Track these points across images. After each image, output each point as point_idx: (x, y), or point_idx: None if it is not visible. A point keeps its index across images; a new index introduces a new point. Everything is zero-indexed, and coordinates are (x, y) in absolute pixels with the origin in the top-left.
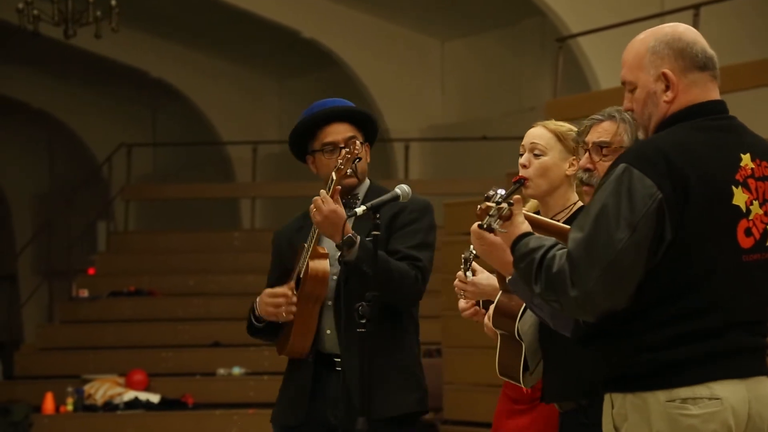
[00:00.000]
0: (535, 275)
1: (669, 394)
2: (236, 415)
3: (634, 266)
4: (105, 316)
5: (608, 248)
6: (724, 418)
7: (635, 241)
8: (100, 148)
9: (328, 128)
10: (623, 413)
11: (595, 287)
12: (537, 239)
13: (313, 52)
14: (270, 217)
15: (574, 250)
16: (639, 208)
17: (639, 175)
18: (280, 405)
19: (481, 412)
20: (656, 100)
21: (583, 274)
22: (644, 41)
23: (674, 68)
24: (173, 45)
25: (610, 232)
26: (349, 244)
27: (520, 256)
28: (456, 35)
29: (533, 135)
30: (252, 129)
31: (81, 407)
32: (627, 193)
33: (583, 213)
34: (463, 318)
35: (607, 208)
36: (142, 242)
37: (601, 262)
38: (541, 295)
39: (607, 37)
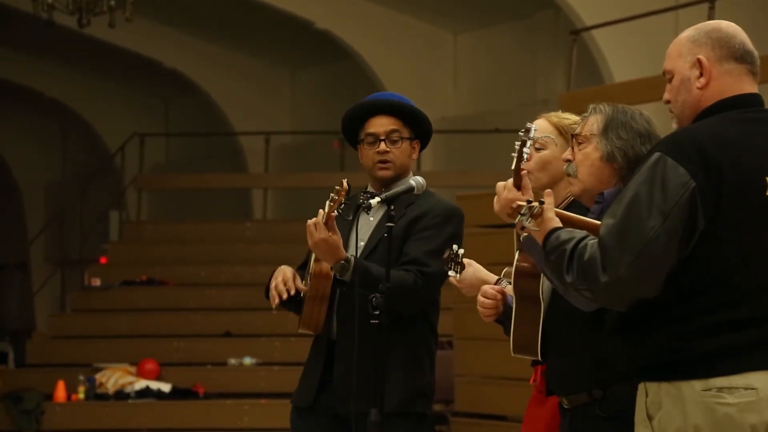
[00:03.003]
0: (566, 266)
1: (705, 384)
2: (247, 405)
3: (666, 254)
4: (117, 306)
5: (640, 235)
6: (760, 409)
7: (667, 229)
8: (112, 138)
9: (373, 120)
10: (657, 402)
11: (626, 273)
12: (568, 232)
13: (326, 44)
14: (282, 208)
15: (606, 236)
16: (672, 196)
17: (672, 164)
18: (299, 386)
19: (493, 404)
20: (689, 86)
21: (614, 259)
22: (687, 32)
23: (710, 56)
24: (187, 35)
25: (642, 219)
26: (342, 270)
27: (552, 248)
28: (469, 28)
29: (538, 128)
30: (264, 120)
31: (92, 396)
32: (660, 181)
33: (616, 200)
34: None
35: (640, 196)
36: (154, 232)
37: (633, 249)
38: (573, 285)
39: (620, 30)
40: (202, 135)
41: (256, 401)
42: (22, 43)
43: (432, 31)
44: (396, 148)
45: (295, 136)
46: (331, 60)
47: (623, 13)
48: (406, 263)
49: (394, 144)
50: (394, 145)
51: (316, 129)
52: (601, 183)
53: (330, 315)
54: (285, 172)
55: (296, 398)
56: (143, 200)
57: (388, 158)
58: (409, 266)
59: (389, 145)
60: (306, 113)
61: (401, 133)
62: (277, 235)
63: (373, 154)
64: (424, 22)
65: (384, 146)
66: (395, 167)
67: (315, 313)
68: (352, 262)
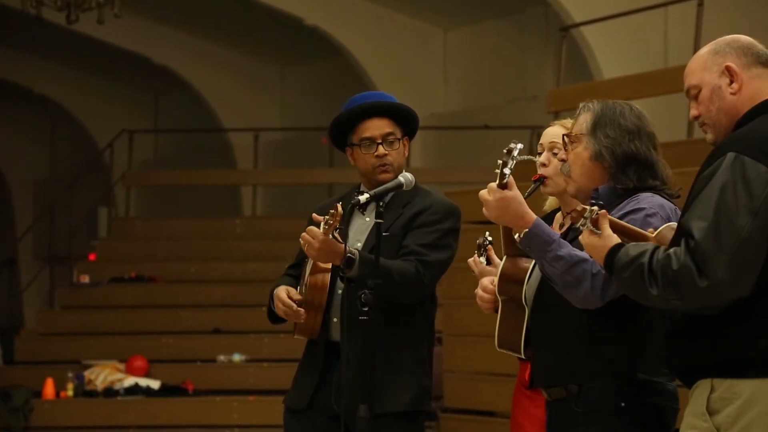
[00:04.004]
0: (648, 279)
1: None
2: (236, 402)
3: (759, 251)
4: (106, 302)
5: (733, 235)
6: None
7: (758, 226)
8: (101, 134)
9: (367, 123)
10: (726, 398)
11: (725, 275)
12: (635, 246)
13: (315, 40)
14: (271, 204)
15: (702, 239)
16: (758, 194)
17: (751, 162)
18: (292, 388)
19: (482, 400)
20: (722, 94)
21: (712, 262)
22: (706, 48)
23: (738, 63)
24: (176, 31)
25: (732, 219)
26: (349, 264)
27: (624, 264)
28: (459, 24)
29: (552, 134)
30: (254, 116)
31: (81, 393)
32: (742, 180)
33: (700, 202)
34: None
35: (726, 197)
36: (143, 228)
37: (729, 249)
38: (661, 296)
39: (610, 27)
40: (191, 131)
41: (246, 398)
42: (10, 40)
43: (422, 28)
44: (393, 150)
45: (285, 133)
46: (320, 56)
47: (612, 10)
48: (405, 254)
49: (391, 146)
50: (391, 147)
51: (305, 125)
52: (593, 182)
53: (327, 317)
54: (274, 168)
55: (290, 400)
56: (132, 197)
57: (388, 161)
58: (409, 257)
59: (387, 148)
60: (295, 110)
61: (396, 134)
62: (266, 232)
63: (372, 159)
64: (413, 18)
65: (382, 150)
66: (394, 169)
67: (311, 322)
68: (357, 256)
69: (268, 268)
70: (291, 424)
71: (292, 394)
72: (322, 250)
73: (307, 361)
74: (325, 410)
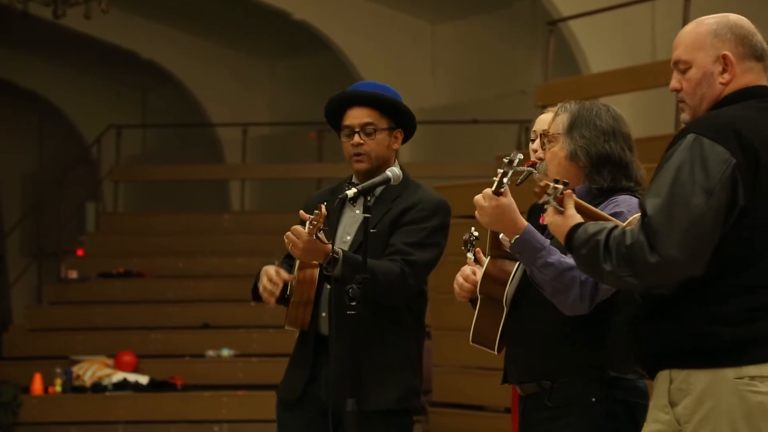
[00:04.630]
0: (603, 255)
1: (738, 372)
2: (225, 397)
3: (712, 231)
4: (94, 298)
5: (686, 213)
6: None
7: (712, 206)
8: (89, 129)
9: (350, 111)
10: (684, 389)
11: (675, 251)
12: (594, 224)
13: (303, 34)
14: (259, 199)
15: (655, 215)
16: (714, 174)
17: (710, 143)
18: (284, 380)
19: (470, 394)
20: (712, 81)
21: (663, 238)
22: (706, 23)
23: (734, 53)
24: (163, 26)
25: (687, 197)
26: (333, 264)
27: (582, 242)
28: (447, 18)
29: (544, 121)
30: (242, 111)
31: (69, 388)
32: (700, 160)
33: (656, 181)
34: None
35: (682, 176)
36: (131, 223)
37: (681, 227)
38: (614, 273)
39: (597, 21)
40: (179, 126)
41: (234, 393)
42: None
43: (410, 22)
44: (371, 140)
45: (273, 127)
46: (308, 51)
47: (600, 4)
48: (391, 254)
49: (369, 136)
50: (368, 137)
51: (293, 120)
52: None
53: (317, 311)
54: (263, 163)
55: (282, 391)
56: (120, 192)
57: (362, 150)
58: (394, 256)
59: (364, 138)
60: (284, 104)
61: (376, 125)
62: (254, 227)
63: (349, 147)
64: (401, 12)
65: (358, 139)
66: (370, 159)
67: (301, 315)
68: (341, 255)
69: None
70: (283, 416)
71: (283, 385)
72: (306, 250)
73: (298, 353)
74: (316, 404)
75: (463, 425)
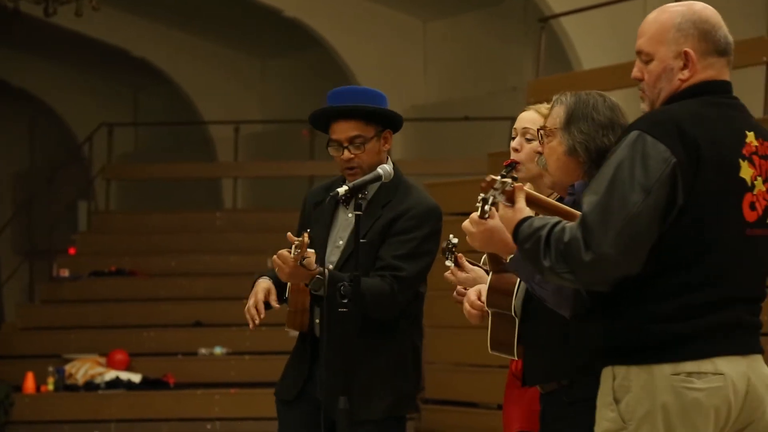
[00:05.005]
0: (543, 250)
1: (674, 368)
2: (218, 395)
3: (648, 230)
4: (86, 296)
5: (623, 211)
6: (725, 394)
7: (649, 205)
8: (81, 128)
9: (335, 125)
10: (626, 385)
11: (610, 250)
12: (540, 219)
13: (295, 32)
14: (252, 197)
15: (590, 213)
16: (653, 172)
17: (652, 141)
18: (281, 379)
19: (463, 391)
20: (671, 77)
21: (598, 236)
22: (670, 16)
23: (696, 49)
24: (155, 24)
25: (625, 195)
26: (317, 286)
27: (526, 236)
28: (438, 15)
29: (525, 119)
30: (234, 108)
31: (62, 387)
32: (641, 158)
33: (597, 178)
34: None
35: (622, 173)
36: (123, 222)
37: (616, 225)
38: (552, 269)
39: (589, 17)
40: (171, 124)
41: (227, 391)
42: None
43: (401, 19)
44: (361, 152)
45: (265, 125)
46: (300, 48)
47: (591, 0)
48: (380, 268)
49: (358, 149)
50: (358, 149)
51: (285, 117)
52: (569, 176)
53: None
54: (255, 161)
55: (280, 390)
56: (112, 190)
57: (354, 164)
58: (384, 272)
59: (354, 151)
60: (276, 102)
61: (364, 136)
62: (247, 225)
63: (340, 161)
64: (393, 9)
65: (348, 154)
66: (363, 170)
67: (299, 320)
68: (326, 277)
69: (249, 260)
70: (282, 413)
71: (282, 384)
72: (292, 275)
73: (297, 352)
74: (313, 402)
75: (456, 422)
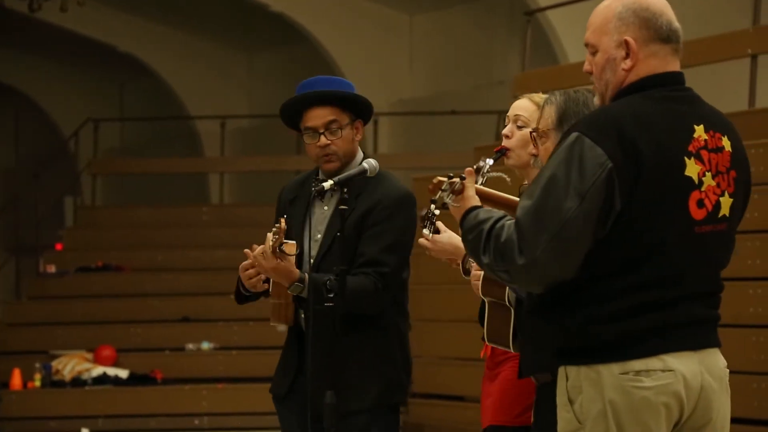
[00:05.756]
0: (483, 246)
1: (623, 367)
2: (205, 390)
3: (582, 235)
4: (73, 292)
5: (556, 216)
6: (676, 390)
7: (584, 211)
8: (66, 123)
9: (309, 112)
10: (578, 386)
11: (543, 255)
12: (486, 211)
13: (281, 27)
14: (238, 192)
15: (523, 217)
16: (588, 177)
17: (590, 144)
18: (275, 375)
19: (449, 385)
20: (615, 67)
21: (531, 241)
22: (612, 6)
23: (637, 37)
24: (141, 19)
25: (560, 200)
26: (297, 290)
27: (469, 228)
28: (425, 9)
29: (517, 107)
30: (220, 103)
31: (49, 383)
32: (578, 161)
33: (534, 181)
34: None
35: (557, 177)
36: (110, 217)
37: (550, 230)
38: (490, 266)
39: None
40: (158, 119)
41: (215, 386)
42: None
43: (387, 13)
44: (337, 138)
45: (251, 120)
46: (286, 43)
47: None
48: (362, 264)
49: (335, 134)
50: (334, 135)
51: (272, 112)
52: None
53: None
54: (241, 155)
55: (273, 387)
56: (98, 185)
57: (330, 151)
58: (367, 268)
59: (330, 137)
60: (262, 96)
61: (340, 122)
62: (234, 219)
63: (316, 148)
64: (379, 4)
65: (324, 140)
66: (339, 157)
67: (283, 313)
68: (306, 281)
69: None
70: (278, 410)
71: (275, 380)
72: (269, 274)
73: (287, 348)
74: (303, 396)
75: (443, 416)
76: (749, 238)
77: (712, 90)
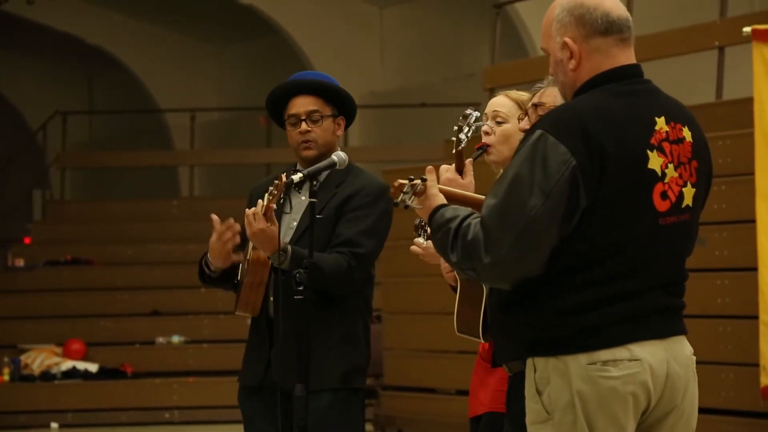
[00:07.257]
0: (451, 245)
1: (590, 357)
2: (176, 384)
3: (547, 233)
4: (42, 286)
5: (521, 215)
6: (643, 379)
7: (548, 208)
8: (34, 116)
9: (293, 101)
10: (546, 377)
11: (508, 254)
12: (453, 210)
13: (251, 19)
14: (209, 185)
15: (488, 216)
16: (553, 175)
17: (553, 142)
18: (244, 366)
19: (421, 377)
20: (564, 69)
21: (496, 240)
22: (552, 9)
23: (575, 36)
24: (109, 11)
25: (524, 198)
26: (279, 260)
27: (437, 227)
28: (394, 2)
29: (495, 103)
30: (190, 96)
31: (18, 377)
32: (541, 159)
33: (499, 179)
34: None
35: (521, 175)
36: (79, 211)
37: (514, 229)
38: (458, 264)
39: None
40: (127, 112)
41: (185, 379)
42: None
43: (357, 6)
44: (318, 127)
45: (222, 113)
46: (256, 36)
47: None
48: (338, 245)
49: (315, 123)
50: (315, 124)
51: (242, 105)
52: None
53: (267, 295)
54: (211, 148)
55: (245, 378)
56: (67, 179)
57: (310, 138)
58: (342, 248)
59: (310, 125)
60: (232, 89)
61: (322, 112)
62: (204, 213)
63: (296, 135)
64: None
65: (305, 126)
66: (318, 146)
67: (252, 298)
68: (289, 251)
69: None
70: (244, 402)
71: (244, 371)
72: (257, 236)
73: (253, 339)
74: (273, 388)
75: (415, 408)
76: (717, 229)
77: (681, 82)
